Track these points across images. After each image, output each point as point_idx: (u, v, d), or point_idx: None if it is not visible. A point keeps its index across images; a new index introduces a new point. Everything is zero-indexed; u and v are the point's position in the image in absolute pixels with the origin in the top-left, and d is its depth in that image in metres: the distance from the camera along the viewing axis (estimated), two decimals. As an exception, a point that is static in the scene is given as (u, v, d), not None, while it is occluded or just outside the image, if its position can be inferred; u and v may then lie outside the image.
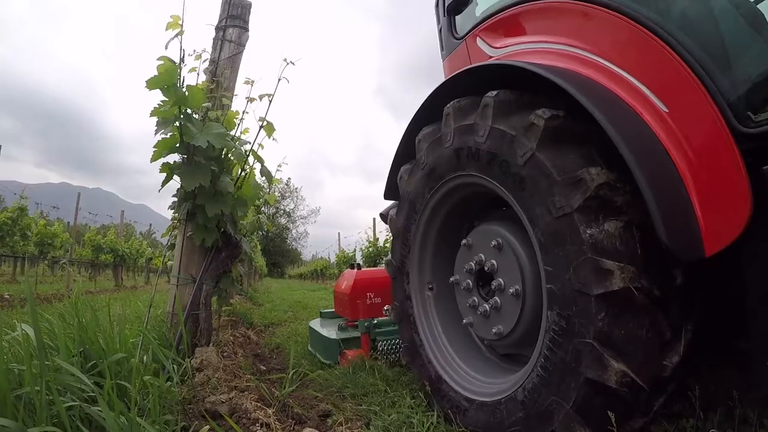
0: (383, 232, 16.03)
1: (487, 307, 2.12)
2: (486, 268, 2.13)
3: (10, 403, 1.43)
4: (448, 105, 2.16)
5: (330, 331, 3.78)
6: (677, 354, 1.55)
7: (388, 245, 15.13)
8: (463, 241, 2.29)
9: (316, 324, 4.28)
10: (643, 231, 1.53)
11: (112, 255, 15.67)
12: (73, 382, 1.60)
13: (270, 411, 2.07)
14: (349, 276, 4.25)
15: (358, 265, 4.46)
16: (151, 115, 2.60)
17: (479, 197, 2.29)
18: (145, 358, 2.15)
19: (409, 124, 2.56)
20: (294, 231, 70.88)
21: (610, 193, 1.54)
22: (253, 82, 2.93)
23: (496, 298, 2.08)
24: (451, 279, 2.37)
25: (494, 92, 1.91)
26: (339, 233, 24.27)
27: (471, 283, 2.25)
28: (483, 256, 2.15)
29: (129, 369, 1.88)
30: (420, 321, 2.52)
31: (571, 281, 1.54)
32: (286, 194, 68.81)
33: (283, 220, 68.93)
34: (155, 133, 2.61)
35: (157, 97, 2.60)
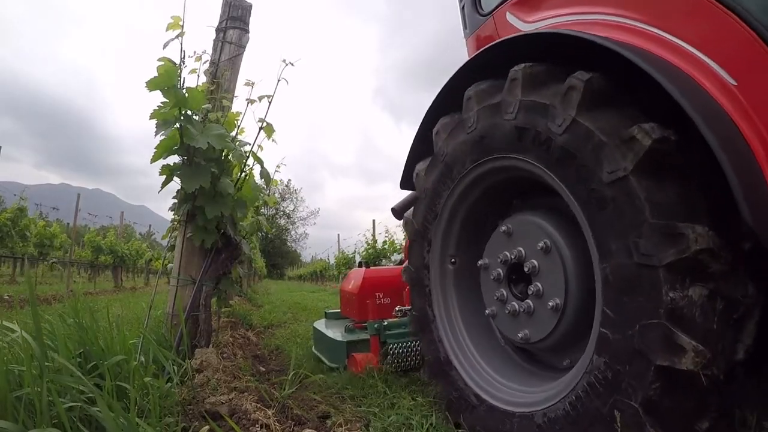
0: (382, 234, 16.05)
1: (518, 307, 1.95)
2: (526, 269, 1.90)
3: (10, 404, 1.44)
4: (515, 68, 1.82)
5: (336, 333, 3.61)
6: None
7: (387, 247, 15.13)
8: (502, 227, 2.03)
9: (320, 325, 4.09)
10: (727, 302, 1.34)
11: (112, 256, 15.68)
12: (73, 383, 1.60)
13: (270, 412, 2.08)
14: (356, 275, 4.06)
15: (366, 263, 4.27)
16: (151, 117, 2.61)
17: (534, 185, 1.96)
18: (144, 359, 2.15)
19: (442, 92, 2.27)
20: (293, 232, 70.94)
21: (707, 258, 1.33)
22: (253, 83, 2.94)
23: (530, 302, 1.89)
24: (480, 262, 2.15)
25: (584, 74, 1.58)
26: (338, 235, 24.32)
27: (502, 274, 2.03)
28: (524, 252, 1.93)
29: (129, 370, 1.88)
30: (435, 293, 2.32)
31: (633, 338, 1.37)
32: (286, 196, 68.85)
33: (282, 222, 68.95)
34: (155, 135, 2.62)
35: (158, 97, 2.60)
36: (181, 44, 2.59)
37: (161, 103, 2.59)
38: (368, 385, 2.80)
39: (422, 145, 2.41)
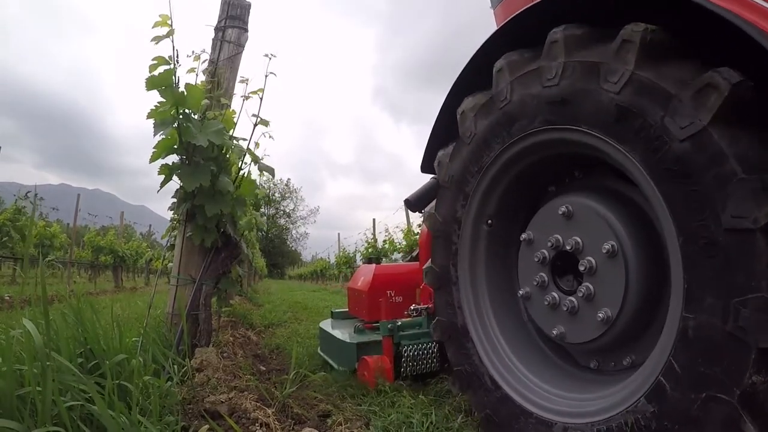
0: (382, 234, 16.06)
1: (559, 300, 1.77)
2: (582, 267, 1.67)
3: (14, 403, 1.44)
4: (555, 30, 1.64)
5: (345, 334, 3.38)
6: None
7: (387, 245, 15.14)
8: (561, 207, 1.76)
9: (327, 325, 3.84)
10: None
11: (112, 256, 15.67)
12: (73, 382, 1.60)
13: (269, 411, 2.08)
14: (366, 271, 3.79)
15: (377, 259, 4.00)
16: (149, 116, 2.61)
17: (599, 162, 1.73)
18: (144, 358, 2.15)
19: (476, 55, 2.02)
20: (294, 232, 70.95)
21: None
22: (247, 80, 2.95)
23: (575, 301, 1.71)
24: (523, 236, 1.93)
25: (639, 25, 1.39)
26: (339, 234, 24.31)
27: (548, 258, 1.83)
28: (581, 244, 1.68)
29: (131, 370, 1.88)
30: (462, 253, 2.09)
31: (728, 320, 1.18)
32: (286, 195, 68.84)
33: (282, 221, 68.96)
34: (154, 135, 2.62)
35: (157, 96, 2.60)
36: (173, 43, 2.59)
37: (158, 102, 2.59)
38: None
39: (444, 130, 2.24)
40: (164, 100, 2.60)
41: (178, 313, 2.88)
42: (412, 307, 3.11)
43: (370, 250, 15.96)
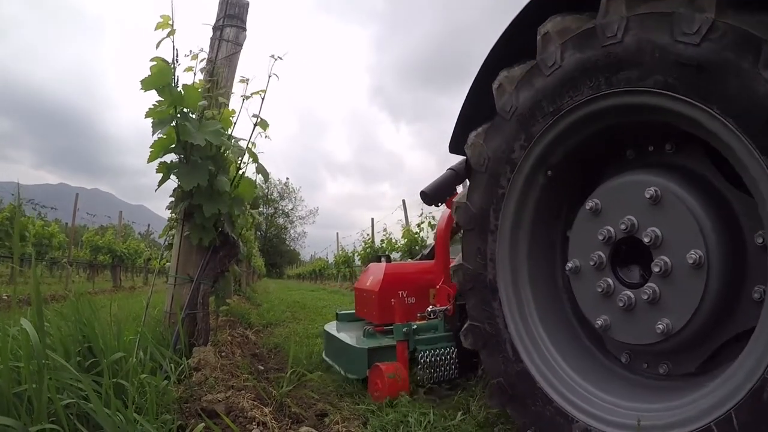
0: (381, 233, 16.05)
1: (613, 288, 1.59)
2: (656, 267, 1.46)
3: (12, 401, 1.44)
4: None
5: (354, 338, 3.13)
6: None
7: (385, 245, 15.13)
8: (650, 191, 1.49)
9: (333, 328, 3.58)
10: None
11: (111, 256, 15.66)
12: (70, 380, 1.60)
13: (267, 410, 2.07)
14: (375, 270, 3.52)
15: (387, 257, 3.68)
16: (147, 116, 2.61)
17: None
18: (142, 357, 2.15)
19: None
20: (292, 231, 70.91)
21: None
22: (247, 80, 2.94)
23: (633, 298, 1.53)
24: (589, 203, 1.69)
25: None
26: (337, 233, 24.31)
27: (614, 238, 1.60)
28: (661, 240, 1.45)
29: (128, 368, 1.88)
30: (509, 200, 1.84)
31: None
32: (285, 195, 68.82)
33: (281, 221, 68.94)
34: (152, 134, 2.61)
35: (155, 96, 2.60)
36: (173, 43, 2.59)
37: (156, 101, 2.59)
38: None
39: (474, 109, 2.06)
40: (162, 100, 2.61)
41: (176, 312, 2.88)
42: (429, 309, 2.94)
43: (368, 249, 15.96)
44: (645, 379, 1.67)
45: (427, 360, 2.68)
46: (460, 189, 2.99)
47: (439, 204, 3.03)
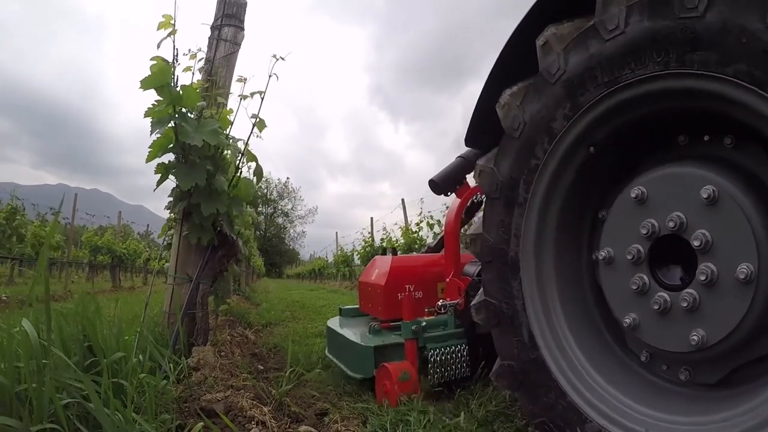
0: (380, 232, 16.06)
1: (649, 287, 1.48)
2: (702, 275, 1.33)
3: (13, 401, 1.44)
4: None
5: (359, 335, 3.00)
6: None
7: (386, 244, 15.14)
8: (707, 189, 1.35)
9: (336, 324, 3.45)
10: None
11: (110, 256, 15.65)
12: (70, 379, 1.60)
13: (266, 409, 2.08)
14: (381, 264, 3.36)
15: (393, 250, 3.53)
16: (146, 115, 2.61)
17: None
18: (141, 357, 2.15)
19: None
20: (292, 231, 70.88)
21: None
22: (245, 80, 2.95)
23: (670, 302, 1.42)
24: (635, 191, 1.51)
25: None
26: (337, 233, 24.32)
27: (657, 233, 1.46)
28: (711, 245, 1.33)
29: (128, 368, 1.88)
30: (544, 173, 1.67)
31: None
32: (284, 194, 68.79)
33: (280, 220, 68.93)
34: (151, 134, 2.62)
35: (155, 96, 2.61)
36: (174, 42, 2.59)
37: (155, 101, 2.60)
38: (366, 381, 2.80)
39: (498, 86, 1.83)
40: (161, 99, 2.61)
41: (175, 312, 2.88)
42: (439, 303, 2.75)
43: (367, 248, 15.96)
44: (663, 382, 1.58)
45: (438, 359, 2.54)
46: (469, 178, 2.90)
47: (448, 193, 2.92)
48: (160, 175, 2.82)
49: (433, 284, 3.15)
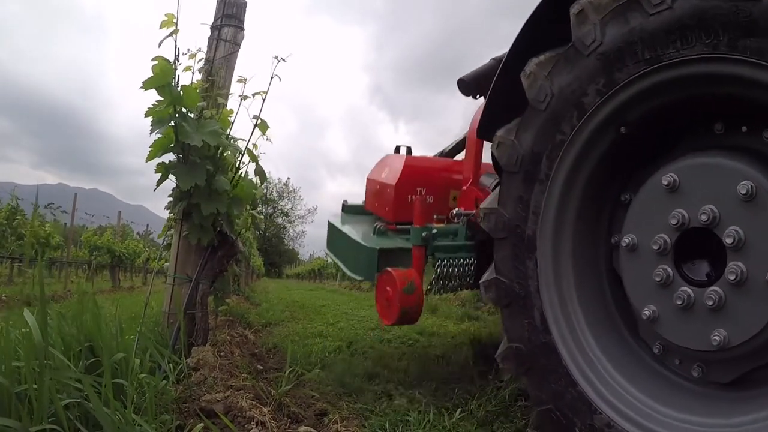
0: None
1: (672, 280, 1.40)
2: (731, 275, 1.28)
3: (13, 401, 1.44)
4: None
5: (363, 235, 2.81)
6: None
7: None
8: (745, 185, 1.27)
9: (338, 221, 3.23)
10: None
11: (109, 256, 15.64)
12: (70, 380, 1.60)
13: (265, 410, 2.08)
14: (394, 161, 3.10)
15: (408, 148, 3.23)
16: (146, 115, 2.61)
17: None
18: (142, 357, 2.15)
19: None
20: (291, 231, 70.84)
21: None
22: (246, 80, 2.94)
23: (693, 298, 1.35)
24: (666, 178, 1.44)
25: None
26: (336, 233, 24.30)
27: (686, 225, 1.38)
28: (743, 243, 1.27)
29: (128, 368, 1.88)
30: (571, 150, 1.57)
31: None
32: (284, 194, 68.74)
33: (280, 220, 68.89)
34: (150, 133, 2.62)
35: (155, 96, 2.61)
36: (176, 42, 2.59)
37: (156, 101, 2.60)
38: (365, 379, 2.80)
39: (504, 95, 1.77)
40: (162, 99, 2.61)
41: (174, 312, 2.88)
42: (454, 211, 2.53)
43: (367, 249, 15.95)
44: (675, 377, 1.54)
45: (444, 271, 2.38)
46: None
47: (477, 96, 2.66)
48: (160, 174, 2.82)
49: (446, 190, 2.95)
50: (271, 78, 2.91)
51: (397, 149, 3.24)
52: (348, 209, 3.52)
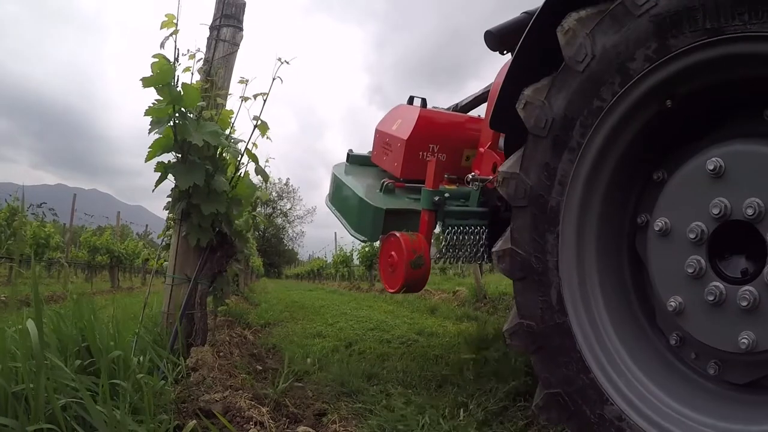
0: (380, 232, 16.02)
1: (704, 273, 1.31)
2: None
3: (10, 401, 1.44)
4: None
5: (369, 191, 2.58)
6: None
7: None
8: None
9: (342, 171, 2.98)
10: None
11: (109, 256, 15.64)
12: (67, 380, 1.60)
13: (264, 410, 2.07)
14: (407, 113, 2.85)
15: (423, 100, 2.93)
16: (146, 114, 2.61)
17: None
18: (140, 357, 2.15)
19: None
20: (290, 231, 70.83)
21: None
22: (247, 81, 2.94)
23: (725, 296, 1.27)
24: (710, 163, 1.33)
25: None
26: (335, 233, 24.31)
27: (727, 216, 1.28)
28: None
29: (126, 368, 1.88)
30: (607, 120, 1.43)
31: None
32: (284, 195, 68.72)
33: (279, 221, 68.87)
34: (149, 132, 2.62)
35: (155, 96, 2.61)
36: (175, 42, 2.59)
37: (156, 100, 2.60)
38: (364, 378, 2.80)
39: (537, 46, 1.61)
40: (161, 98, 2.61)
41: (173, 312, 2.88)
42: (470, 176, 2.33)
43: (367, 248, 15.95)
44: (691, 372, 1.46)
45: (453, 238, 2.20)
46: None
47: (504, 51, 2.42)
48: (159, 174, 2.82)
49: (459, 149, 2.73)
50: (273, 80, 2.91)
51: (411, 100, 2.97)
52: (353, 159, 3.26)
